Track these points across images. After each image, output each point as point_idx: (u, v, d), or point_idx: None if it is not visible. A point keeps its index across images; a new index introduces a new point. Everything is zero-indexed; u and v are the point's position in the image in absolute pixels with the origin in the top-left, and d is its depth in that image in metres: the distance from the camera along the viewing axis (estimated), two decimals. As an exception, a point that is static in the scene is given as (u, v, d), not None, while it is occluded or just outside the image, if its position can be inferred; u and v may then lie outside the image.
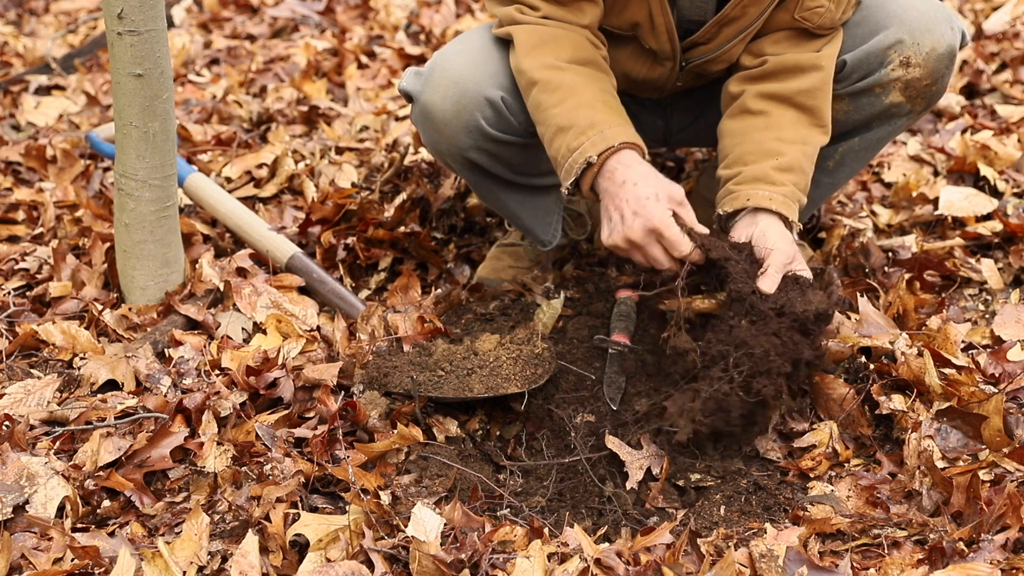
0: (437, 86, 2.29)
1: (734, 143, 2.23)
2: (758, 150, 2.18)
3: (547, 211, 2.60)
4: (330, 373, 2.24)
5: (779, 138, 2.19)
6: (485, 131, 2.29)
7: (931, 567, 1.75)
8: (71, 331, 2.45)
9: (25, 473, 1.99)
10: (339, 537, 1.85)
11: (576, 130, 2.10)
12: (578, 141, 2.09)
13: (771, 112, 2.21)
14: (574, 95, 2.14)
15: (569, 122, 2.11)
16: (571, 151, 2.09)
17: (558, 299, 2.45)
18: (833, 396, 2.18)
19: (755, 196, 2.13)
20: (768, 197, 2.12)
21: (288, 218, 3.06)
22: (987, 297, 2.58)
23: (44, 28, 5.18)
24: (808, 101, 2.22)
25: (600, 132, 2.08)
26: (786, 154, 2.17)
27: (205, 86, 4.27)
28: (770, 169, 2.15)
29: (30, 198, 3.19)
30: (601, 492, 2.07)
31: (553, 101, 2.14)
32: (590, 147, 2.07)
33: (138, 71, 2.37)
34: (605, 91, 2.18)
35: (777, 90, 2.22)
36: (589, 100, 2.13)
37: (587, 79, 2.17)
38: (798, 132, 2.21)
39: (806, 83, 2.22)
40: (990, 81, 3.68)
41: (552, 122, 2.14)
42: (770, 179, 2.14)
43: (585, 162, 2.07)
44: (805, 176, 2.20)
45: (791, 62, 2.23)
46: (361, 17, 5.00)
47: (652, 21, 2.23)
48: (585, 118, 2.10)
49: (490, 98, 2.26)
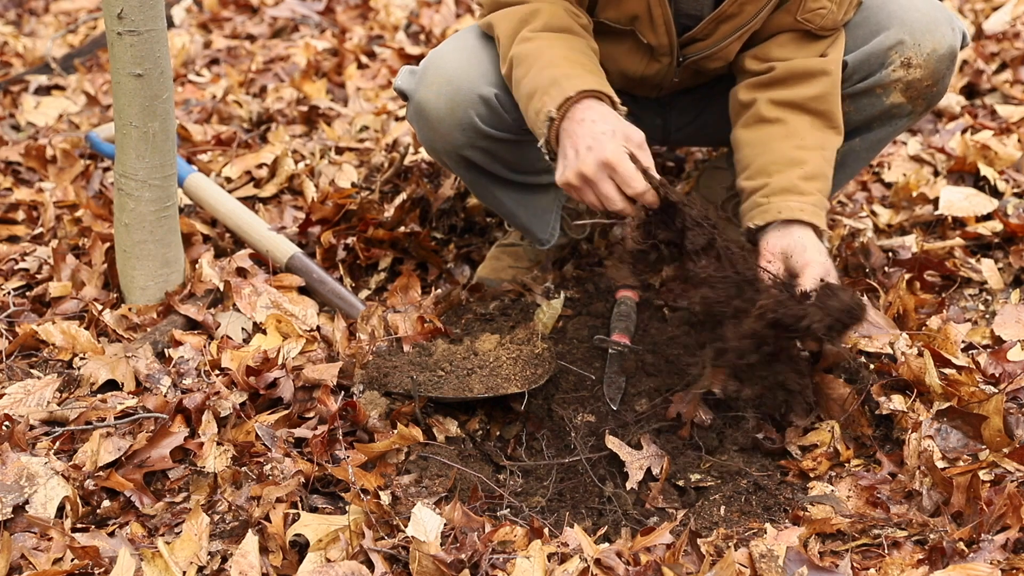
0: (431, 84, 2.29)
1: (755, 154, 2.22)
2: (781, 160, 2.18)
3: (544, 209, 2.60)
4: (330, 373, 2.24)
5: (800, 146, 2.19)
6: (479, 128, 2.29)
7: (931, 567, 1.75)
8: (71, 331, 2.45)
9: (25, 473, 1.99)
10: (339, 537, 1.85)
11: (540, 91, 2.07)
12: (541, 102, 2.06)
13: (787, 120, 2.21)
14: (539, 59, 2.11)
15: (533, 87, 2.09)
16: (537, 113, 2.07)
17: (558, 299, 2.45)
18: (833, 396, 2.18)
19: (786, 208, 2.12)
20: (800, 208, 2.12)
21: (288, 218, 3.06)
22: (987, 297, 2.58)
23: (44, 28, 5.18)
24: (821, 106, 2.22)
25: (559, 86, 2.05)
26: (809, 162, 2.17)
27: (205, 86, 4.27)
28: (797, 179, 2.15)
29: (30, 198, 3.19)
30: (601, 492, 2.07)
31: (521, 73, 2.13)
32: (549, 102, 2.04)
33: (138, 71, 2.37)
34: (573, 49, 2.14)
35: (790, 97, 2.22)
36: (552, 60, 2.10)
37: (553, 42, 2.13)
38: (816, 138, 2.21)
39: (817, 88, 2.22)
40: (990, 81, 3.68)
41: (523, 92, 2.12)
42: (798, 189, 2.14)
43: (547, 118, 2.04)
44: (828, 182, 2.21)
45: (800, 68, 2.22)
46: (361, 17, 5.00)
47: (650, 13, 2.22)
48: (547, 78, 2.07)
49: (483, 95, 2.26)
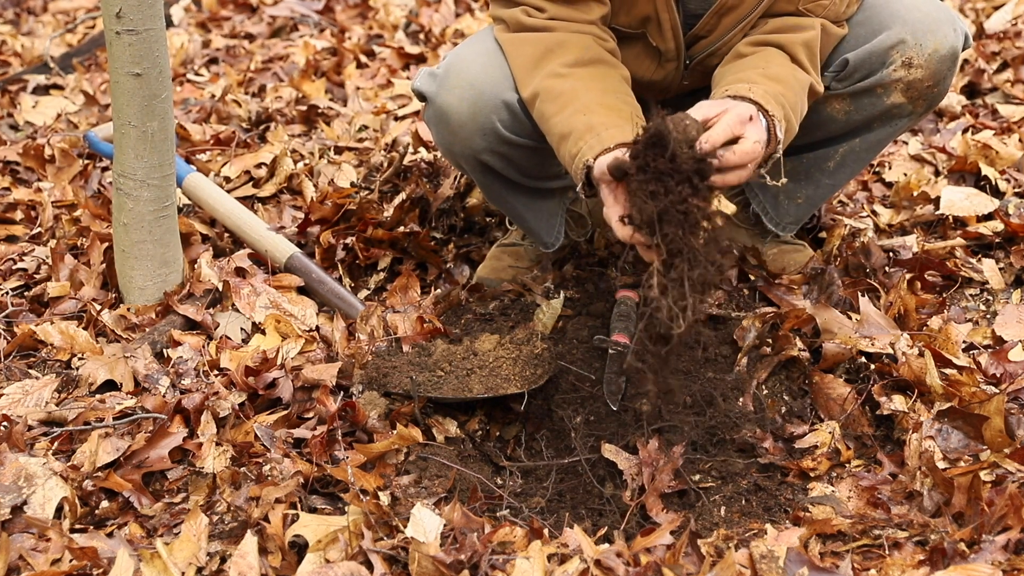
0: (453, 88, 2.28)
1: (721, 76, 2.17)
2: (745, 68, 2.12)
3: (551, 213, 2.60)
4: (329, 373, 2.24)
5: (767, 61, 2.14)
6: (500, 134, 2.28)
7: (932, 568, 1.75)
8: (69, 331, 2.45)
9: (23, 474, 1.99)
10: (338, 538, 1.84)
11: (575, 135, 2.07)
12: (577, 147, 2.06)
13: (762, 52, 2.17)
14: (573, 101, 2.12)
15: (568, 129, 2.09)
16: (572, 157, 2.08)
17: (558, 299, 2.45)
18: (833, 396, 2.18)
19: (734, 88, 2.02)
20: (748, 88, 2.01)
21: (287, 218, 3.05)
22: (988, 297, 2.57)
23: (42, 27, 5.18)
24: (797, 53, 2.16)
25: (597, 135, 2.05)
26: (773, 69, 2.10)
27: (204, 85, 4.27)
28: (754, 74, 2.07)
29: (28, 198, 3.19)
30: (601, 493, 2.07)
31: (554, 110, 2.13)
32: (587, 151, 2.04)
33: (136, 70, 2.36)
34: (607, 91, 2.15)
35: (769, 39, 2.19)
36: (587, 104, 2.10)
37: (588, 81, 2.14)
38: (787, 63, 2.16)
39: (798, 37, 2.18)
40: (991, 80, 3.68)
41: (555, 131, 2.12)
42: (752, 79, 2.05)
43: (584, 167, 2.05)
44: (792, 92, 2.08)
45: (790, 22, 2.20)
46: (360, 16, 5.00)
47: (658, 18, 2.22)
48: (582, 123, 2.07)
49: (507, 101, 2.25)
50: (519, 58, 2.21)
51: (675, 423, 2.14)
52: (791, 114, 2.05)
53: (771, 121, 1.97)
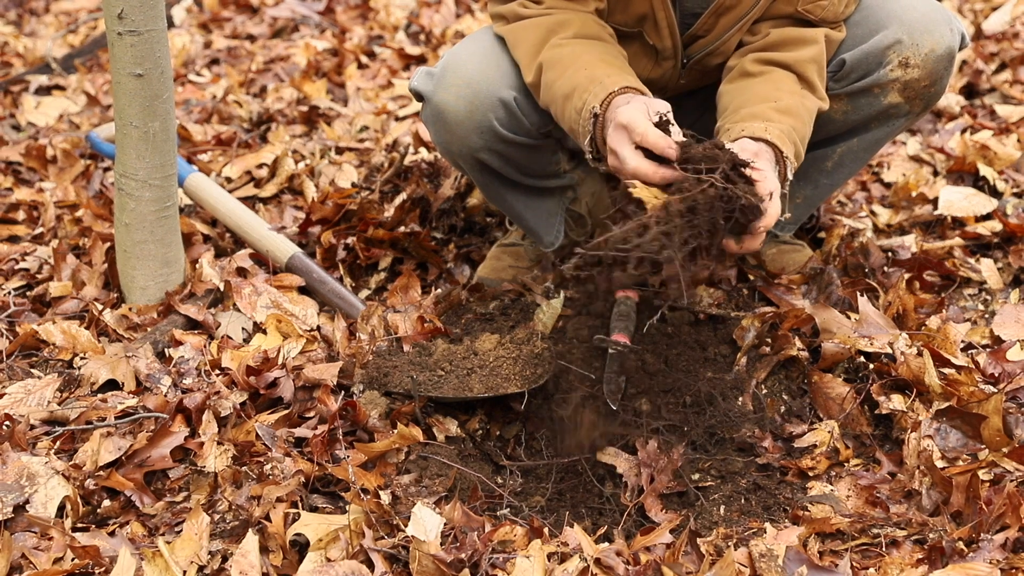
0: (450, 86, 2.28)
1: (731, 99, 2.18)
2: (755, 97, 2.13)
3: (551, 212, 2.61)
4: (330, 373, 2.24)
5: (777, 89, 2.15)
6: (497, 132, 2.29)
7: (930, 567, 1.76)
8: (71, 331, 2.45)
9: (25, 473, 1.99)
10: (339, 537, 1.85)
11: (580, 89, 2.06)
12: (582, 100, 2.05)
13: (769, 73, 2.18)
14: (575, 62, 2.11)
15: (571, 86, 2.09)
16: (578, 112, 2.06)
17: (558, 299, 2.45)
18: (832, 396, 2.18)
19: (749, 128, 2.04)
20: (764, 128, 2.04)
21: (288, 218, 3.06)
22: (987, 297, 2.58)
23: (44, 28, 5.18)
24: (806, 71, 2.18)
25: (600, 83, 2.04)
26: (784, 100, 2.11)
27: (205, 86, 4.27)
28: (768, 109, 2.09)
29: (30, 198, 3.19)
30: (601, 492, 2.07)
31: (555, 75, 2.13)
32: (592, 99, 2.03)
33: (138, 71, 2.37)
34: (608, 53, 2.14)
35: (776, 57, 2.20)
36: (589, 62, 2.10)
37: (587, 47, 2.14)
38: (797, 91, 2.17)
39: (805, 54, 2.19)
40: (990, 81, 3.68)
41: (559, 94, 2.12)
42: (767, 116, 2.07)
43: (591, 115, 2.03)
44: (803, 124, 2.12)
45: (794, 34, 2.21)
46: (361, 17, 5.00)
47: (655, 16, 2.23)
48: (585, 77, 2.07)
49: (503, 99, 2.26)
50: (523, 44, 2.22)
51: (674, 422, 2.14)
52: (801, 148, 2.10)
53: (784, 165, 2.02)
